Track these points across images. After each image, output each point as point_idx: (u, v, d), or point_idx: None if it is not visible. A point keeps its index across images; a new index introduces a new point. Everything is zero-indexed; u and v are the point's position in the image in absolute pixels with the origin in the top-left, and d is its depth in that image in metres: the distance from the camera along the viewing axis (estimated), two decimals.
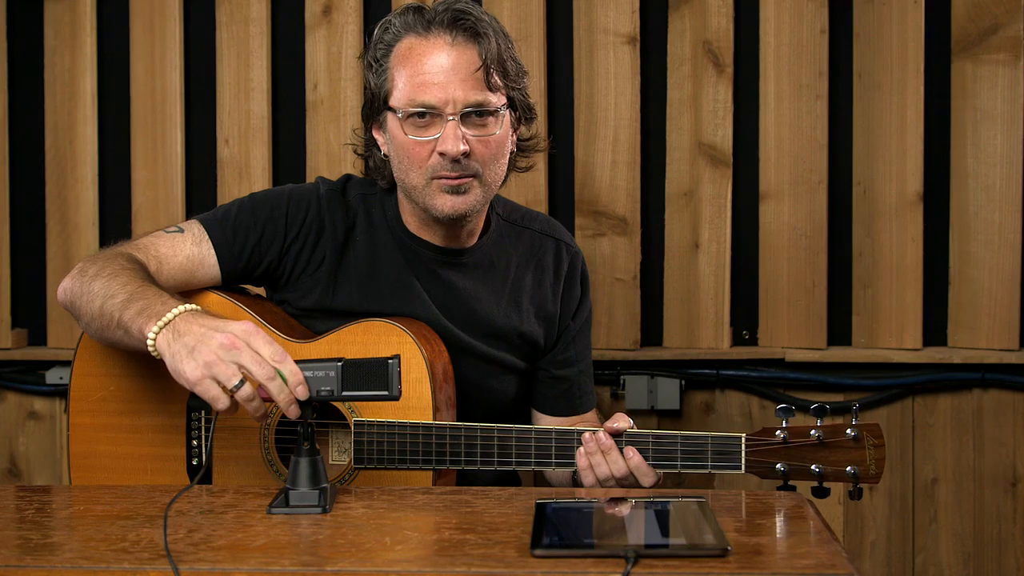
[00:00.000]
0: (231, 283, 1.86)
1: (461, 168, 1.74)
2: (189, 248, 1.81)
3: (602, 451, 1.66)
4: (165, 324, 1.53)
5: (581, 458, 1.67)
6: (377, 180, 1.90)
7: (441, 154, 1.73)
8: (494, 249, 1.92)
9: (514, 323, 1.91)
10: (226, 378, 1.45)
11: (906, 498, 2.55)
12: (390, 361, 1.44)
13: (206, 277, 1.82)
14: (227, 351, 1.45)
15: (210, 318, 1.52)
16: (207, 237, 1.82)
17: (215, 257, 1.82)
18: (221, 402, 1.46)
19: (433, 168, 1.75)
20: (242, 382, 1.45)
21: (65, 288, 1.74)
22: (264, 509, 1.42)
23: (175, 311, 1.54)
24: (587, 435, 1.67)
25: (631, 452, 1.65)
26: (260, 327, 1.52)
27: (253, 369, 1.44)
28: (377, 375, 1.45)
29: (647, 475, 1.66)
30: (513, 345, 1.93)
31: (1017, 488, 2.53)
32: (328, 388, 1.45)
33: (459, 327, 1.87)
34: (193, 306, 1.56)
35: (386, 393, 1.45)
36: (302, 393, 1.44)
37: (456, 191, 1.76)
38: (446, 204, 1.77)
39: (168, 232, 1.82)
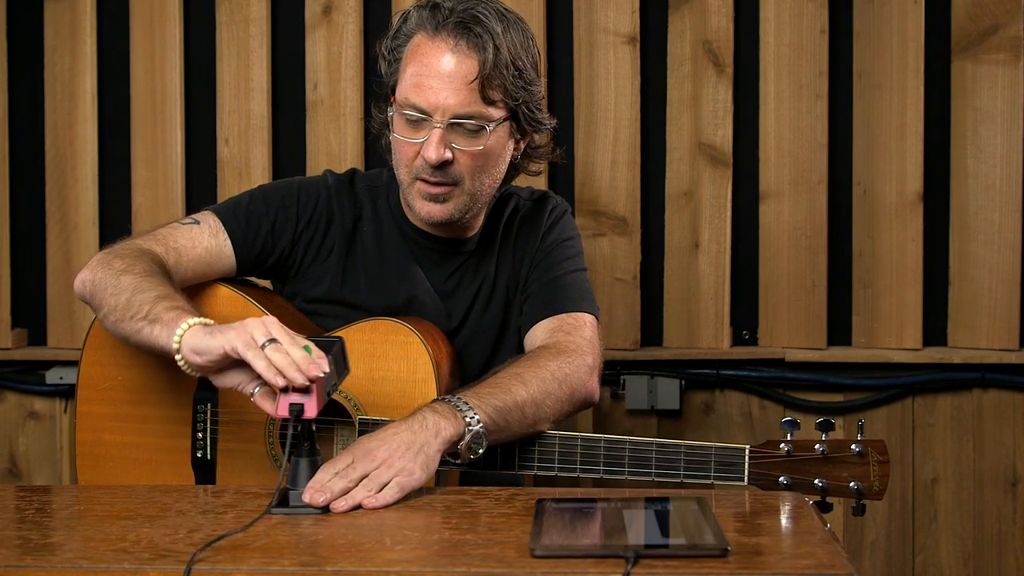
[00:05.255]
0: (243, 273, 1.87)
1: (441, 175, 1.74)
2: (207, 240, 1.81)
3: None
4: (201, 323, 1.53)
5: None
6: (389, 161, 1.86)
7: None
8: (498, 235, 1.91)
9: (518, 306, 1.90)
10: (260, 334, 1.44)
11: (906, 498, 2.55)
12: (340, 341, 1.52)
13: (223, 268, 1.82)
14: (269, 324, 1.46)
15: None
16: (223, 227, 1.82)
17: (231, 247, 1.82)
18: (251, 348, 1.44)
19: (417, 169, 1.76)
20: (273, 341, 1.44)
21: (85, 280, 1.72)
22: (264, 509, 1.42)
23: (210, 321, 1.54)
24: None
25: None
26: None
27: (283, 338, 1.44)
28: (340, 358, 1.51)
29: None
30: (517, 329, 1.92)
31: (1017, 488, 2.53)
32: (332, 383, 1.47)
33: (463, 314, 1.88)
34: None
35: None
36: (314, 370, 1.41)
37: (435, 199, 1.76)
38: (423, 209, 1.78)
39: (184, 224, 1.82)
